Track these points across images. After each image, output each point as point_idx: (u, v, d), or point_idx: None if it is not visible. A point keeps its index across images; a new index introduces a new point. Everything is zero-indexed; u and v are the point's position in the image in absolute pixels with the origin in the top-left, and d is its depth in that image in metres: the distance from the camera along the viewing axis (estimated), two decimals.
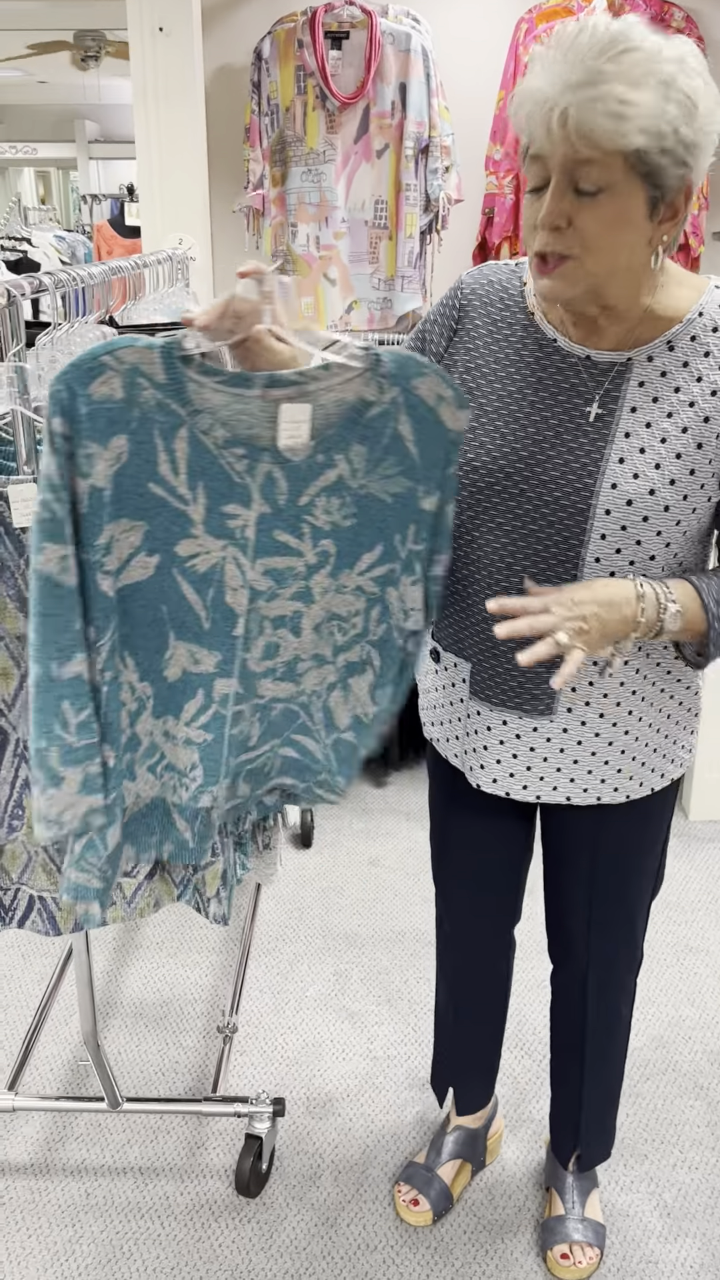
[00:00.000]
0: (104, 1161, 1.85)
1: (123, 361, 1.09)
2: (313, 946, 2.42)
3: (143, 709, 1.29)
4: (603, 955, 1.57)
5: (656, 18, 2.68)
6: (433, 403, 1.16)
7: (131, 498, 1.15)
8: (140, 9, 2.50)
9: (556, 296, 1.17)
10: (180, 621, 1.24)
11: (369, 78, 2.71)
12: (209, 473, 1.16)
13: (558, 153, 1.08)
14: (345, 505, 1.20)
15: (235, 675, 1.28)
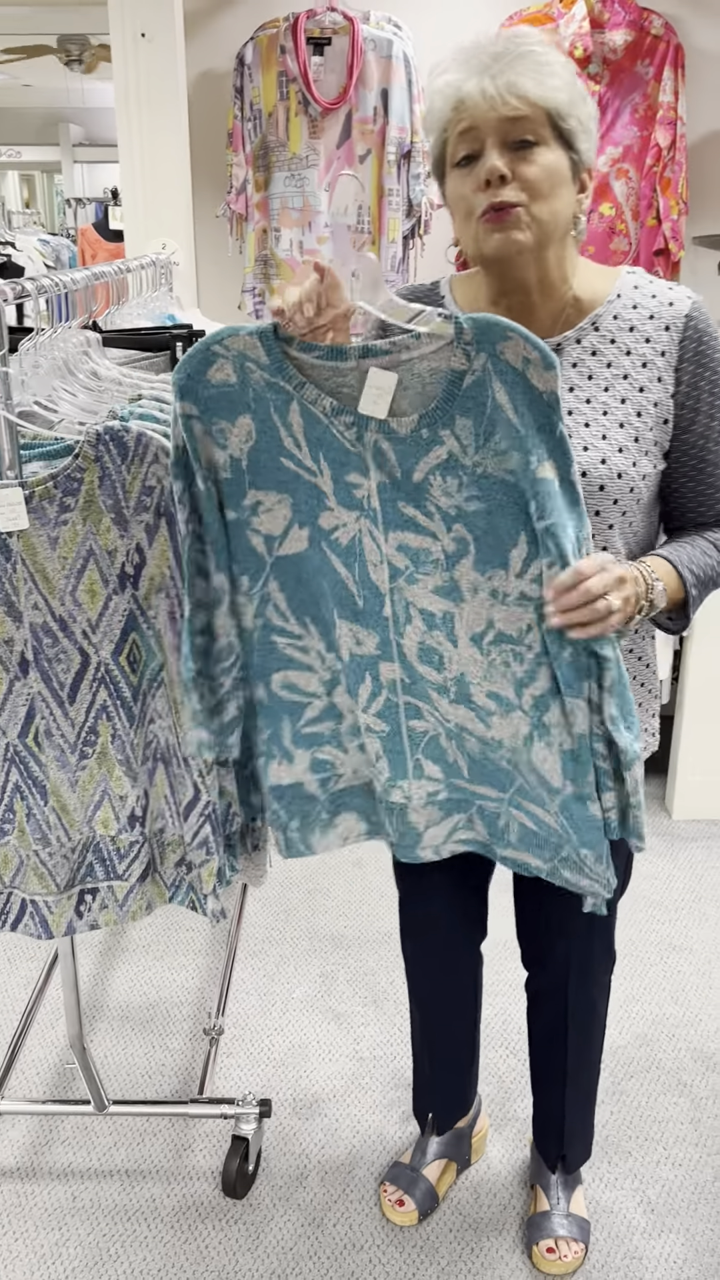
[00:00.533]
0: (90, 1164, 1.86)
1: (229, 348, 1.18)
2: (299, 948, 2.43)
3: (337, 681, 1.33)
4: (579, 958, 1.57)
5: (634, 24, 2.70)
6: (520, 366, 1.12)
7: (271, 471, 1.23)
8: (122, 15, 2.51)
9: (509, 249, 1.23)
10: (339, 598, 1.27)
11: (351, 83, 2.73)
12: (325, 442, 1.20)
13: (491, 115, 1.19)
14: (464, 486, 1.18)
15: (396, 660, 1.28)
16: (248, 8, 2.93)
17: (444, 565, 1.21)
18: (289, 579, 1.28)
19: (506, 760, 1.29)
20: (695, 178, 2.99)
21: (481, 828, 1.37)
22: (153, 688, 1.40)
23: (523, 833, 1.33)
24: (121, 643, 1.37)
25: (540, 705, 1.23)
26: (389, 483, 1.20)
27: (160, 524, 1.32)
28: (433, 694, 1.29)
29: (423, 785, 1.33)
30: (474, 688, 1.26)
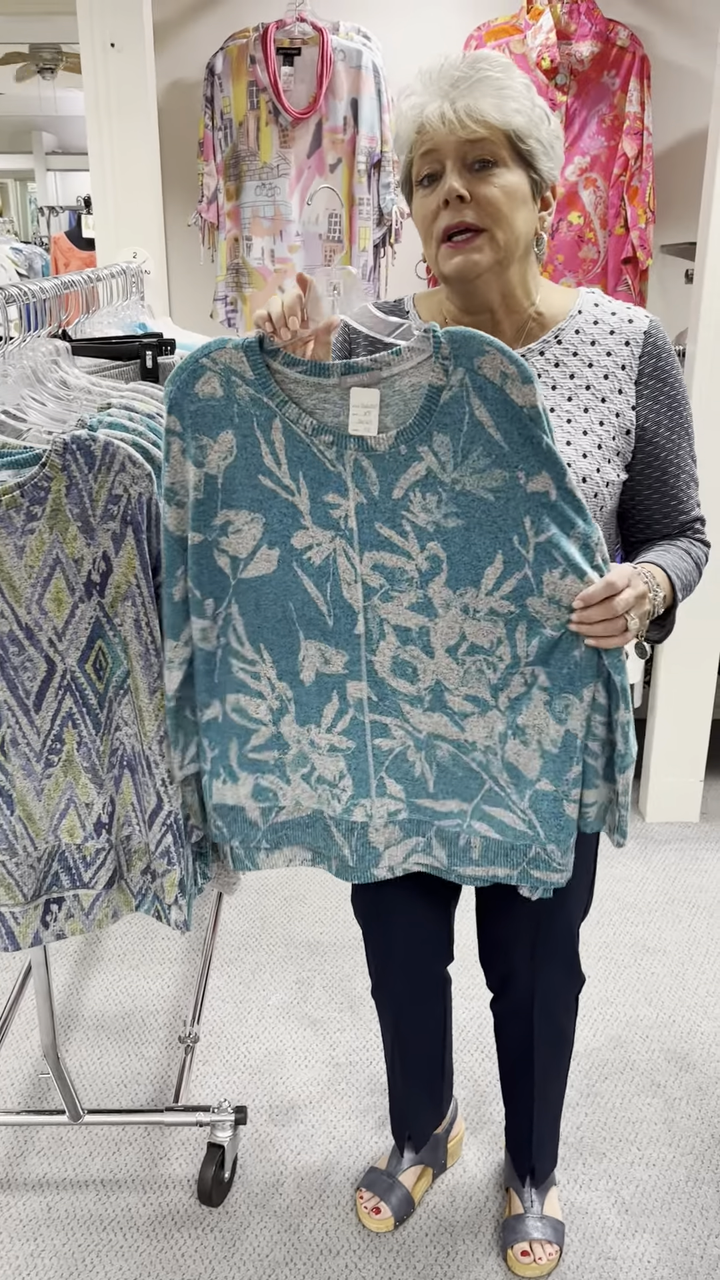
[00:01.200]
0: (65, 1175, 1.85)
1: (217, 362, 1.20)
2: (275, 955, 2.43)
3: (285, 710, 1.33)
4: (543, 987, 1.58)
5: (601, 35, 2.73)
6: (499, 381, 1.12)
7: (246, 489, 1.24)
8: (92, 24, 2.52)
9: (469, 272, 1.26)
10: (307, 618, 1.28)
11: (321, 93, 2.74)
12: (305, 461, 1.21)
13: (451, 138, 1.22)
14: (443, 503, 1.19)
15: (364, 679, 1.29)
16: (217, 18, 2.94)
17: (418, 583, 1.23)
18: (248, 604, 1.30)
19: (477, 763, 1.30)
20: (662, 187, 3.02)
21: (441, 851, 1.37)
22: (119, 695, 1.40)
23: (485, 846, 1.34)
24: (88, 650, 1.37)
25: (515, 707, 1.26)
26: (367, 503, 1.21)
27: (126, 532, 1.32)
28: (405, 706, 1.30)
29: (385, 803, 1.34)
30: (450, 694, 1.28)
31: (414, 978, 1.63)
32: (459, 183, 1.22)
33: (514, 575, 1.20)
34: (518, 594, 1.20)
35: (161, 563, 1.30)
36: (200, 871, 1.59)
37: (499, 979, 1.63)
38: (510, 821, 1.32)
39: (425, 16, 2.93)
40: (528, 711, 1.26)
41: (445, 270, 1.27)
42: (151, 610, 1.36)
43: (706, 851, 2.86)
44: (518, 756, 1.28)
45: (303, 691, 1.32)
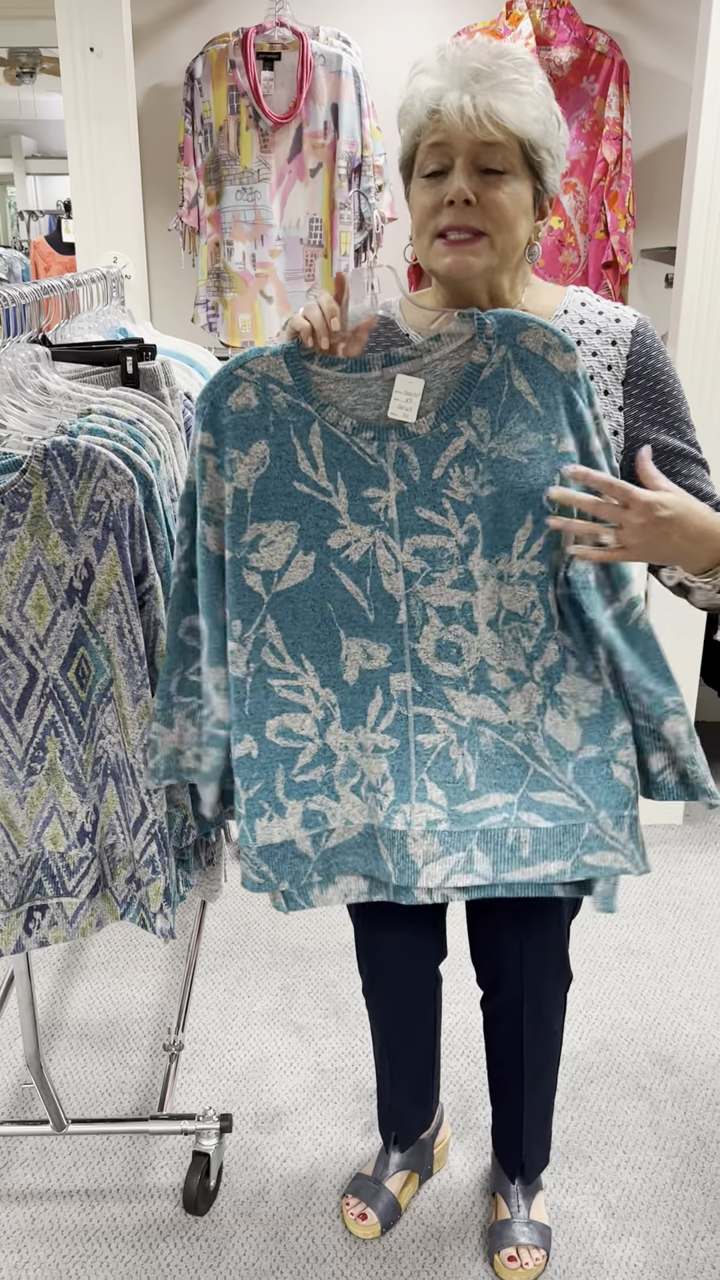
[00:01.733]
0: (49, 1185, 1.84)
1: (253, 372, 1.21)
2: (260, 961, 2.43)
3: (330, 718, 1.31)
4: (533, 984, 1.58)
5: (580, 41, 2.74)
6: (540, 351, 1.19)
7: (279, 499, 1.24)
8: (71, 29, 2.51)
9: (462, 273, 1.24)
10: (347, 617, 1.28)
11: (301, 98, 2.74)
12: (345, 461, 1.22)
13: (467, 136, 1.18)
14: (480, 473, 1.22)
15: (408, 669, 1.29)
16: (197, 23, 2.94)
17: (459, 559, 1.25)
18: (285, 616, 1.28)
19: (520, 746, 1.30)
20: (642, 191, 3.04)
21: (484, 862, 1.31)
22: (102, 703, 1.40)
23: (536, 839, 1.30)
24: (70, 658, 1.37)
25: (551, 676, 1.28)
26: (408, 490, 1.23)
27: (109, 539, 1.32)
28: (449, 692, 1.29)
29: (424, 810, 1.31)
30: (492, 671, 1.28)
31: (406, 976, 1.63)
32: (468, 185, 1.19)
33: (543, 534, 1.23)
34: (544, 553, 1.23)
35: (199, 581, 1.28)
36: (183, 879, 1.59)
37: (489, 977, 1.63)
38: (559, 802, 1.30)
39: (405, 21, 2.94)
40: (564, 680, 1.28)
41: (436, 266, 1.25)
42: (134, 617, 1.35)
43: (690, 853, 2.87)
44: (556, 728, 1.29)
45: (347, 693, 1.30)
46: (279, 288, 2.89)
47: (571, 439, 1.21)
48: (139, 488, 1.33)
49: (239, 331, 2.91)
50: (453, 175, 1.20)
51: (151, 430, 1.45)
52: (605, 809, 1.30)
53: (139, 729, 1.38)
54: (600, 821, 1.30)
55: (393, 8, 2.93)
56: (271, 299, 2.90)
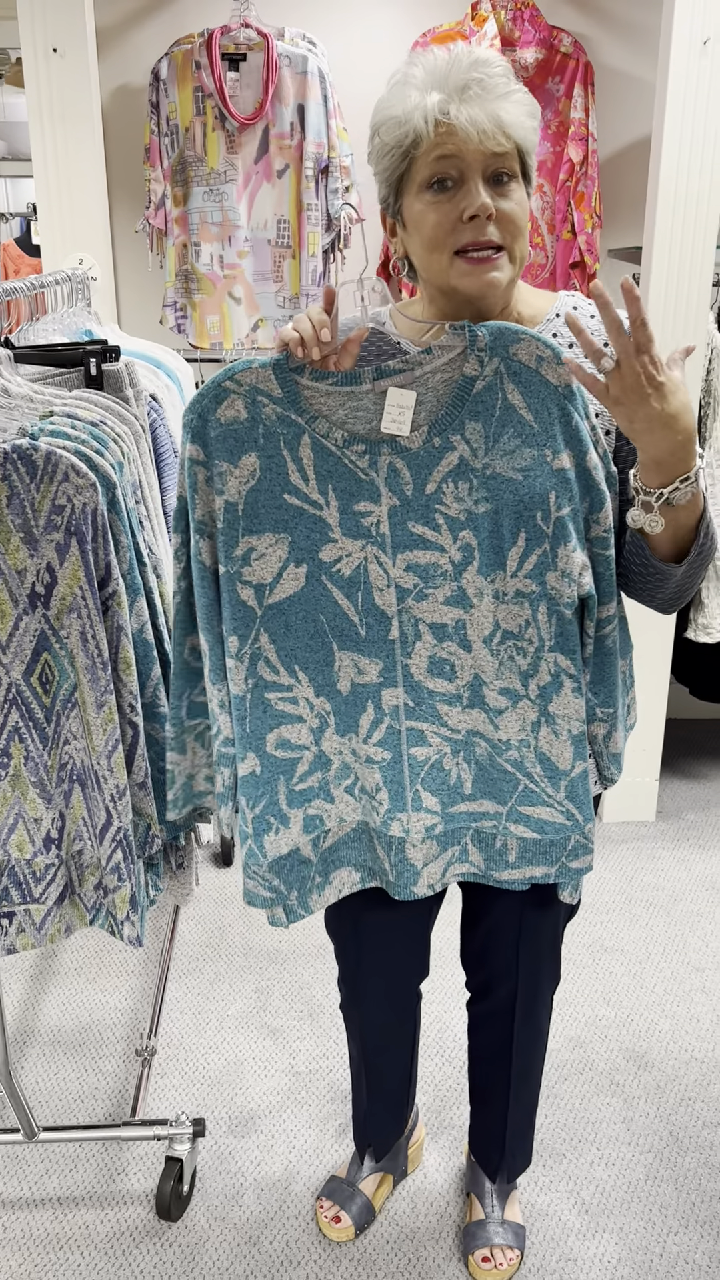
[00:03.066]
0: (21, 1194, 1.82)
1: (241, 384, 1.20)
2: (234, 965, 2.42)
3: (325, 725, 1.32)
4: (528, 986, 1.58)
5: (545, 42, 2.75)
6: (534, 364, 1.17)
7: (270, 511, 1.23)
8: (34, 30, 2.49)
9: (490, 291, 1.22)
10: (339, 630, 1.27)
11: (267, 99, 2.73)
12: (336, 474, 1.21)
13: (480, 149, 1.16)
14: (474, 489, 1.21)
15: (400, 685, 1.28)
16: (161, 24, 2.93)
17: (452, 576, 1.24)
18: (278, 628, 1.27)
19: (511, 763, 1.31)
20: (608, 191, 3.05)
21: (478, 855, 1.37)
22: (66, 709, 1.39)
23: (523, 848, 1.35)
24: (33, 663, 1.36)
25: (545, 695, 1.28)
26: (400, 504, 1.22)
27: (71, 543, 1.31)
28: (442, 708, 1.29)
29: (420, 818, 1.33)
30: (486, 688, 1.28)
31: (389, 996, 1.62)
32: (488, 200, 1.17)
33: (535, 552, 1.22)
34: (538, 570, 1.23)
35: (197, 596, 1.27)
36: (153, 884, 1.58)
37: (482, 980, 1.62)
38: (548, 817, 1.32)
39: (370, 22, 2.94)
40: (558, 699, 1.28)
41: (460, 286, 1.22)
42: (98, 622, 1.34)
43: (663, 850, 2.88)
44: (550, 747, 1.30)
45: (341, 702, 1.31)
46: (247, 289, 2.89)
47: (567, 454, 1.19)
48: (102, 490, 1.32)
49: (207, 333, 2.90)
50: (466, 189, 1.18)
51: (115, 432, 1.44)
52: (589, 821, 1.34)
53: (103, 734, 1.37)
54: (586, 832, 1.34)
55: (358, 9, 2.93)
56: (240, 300, 2.89)
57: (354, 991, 1.64)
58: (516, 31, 2.75)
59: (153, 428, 1.76)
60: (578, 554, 1.22)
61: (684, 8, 2.35)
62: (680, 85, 2.40)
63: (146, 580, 1.44)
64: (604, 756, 1.38)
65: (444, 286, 1.25)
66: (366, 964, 1.59)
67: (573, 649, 1.26)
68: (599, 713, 1.34)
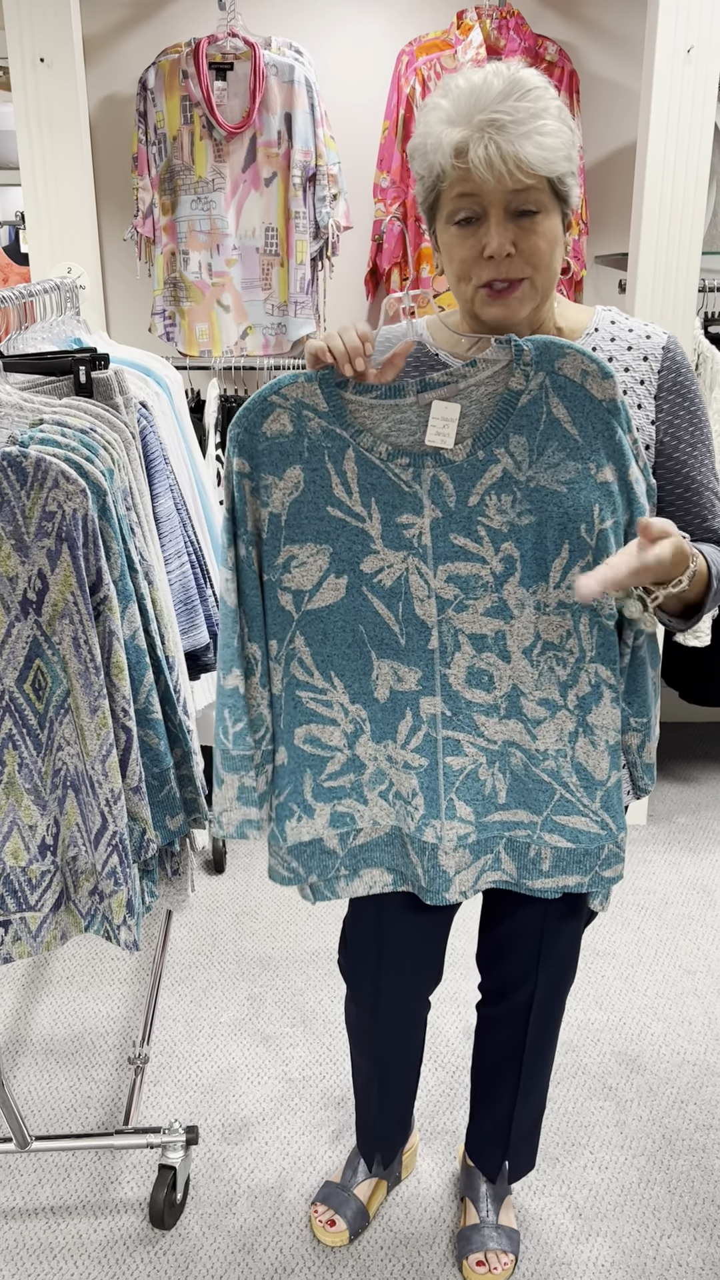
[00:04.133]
0: (13, 1204, 1.82)
1: (287, 398, 1.21)
2: (226, 972, 2.42)
3: (360, 731, 1.33)
4: (548, 984, 1.58)
5: (530, 50, 2.77)
6: (579, 379, 1.17)
7: (312, 522, 1.24)
8: (20, 40, 2.50)
9: (508, 320, 1.24)
10: (379, 639, 1.28)
11: (254, 108, 2.75)
12: (379, 487, 1.22)
13: (499, 188, 1.17)
14: (518, 502, 1.21)
15: (438, 694, 1.29)
16: (148, 33, 2.94)
17: (493, 587, 1.25)
18: (315, 634, 1.29)
19: (548, 772, 1.32)
20: (594, 199, 3.07)
21: (510, 864, 1.38)
22: (59, 715, 1.39)
23: (556, 857, 1.36)
24: (26, 670, 1.36)
25: (584, 705, 1.29)
26: (443, 516, 1.23)
27: (62, 549, 1.31)
28: (479, 718, 1.30)
29: (454, 827, 1.34)
30: (525, 699, 1.29)
31: (408, 1006, 1.62)
32: (506, 238, 1.19)
33: (578, 563, 1.23)
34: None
35: (248, 606, 1.28)
36: (148, 889, 1.58)
37: (498, 983, 1.62)
38: (583, 826, 1.33)
39: (357, 31, 2.96)
40: (597, 710, 1.29)
41: (485, 317, 1.25)
42: (90, 628, 1.34)
43: (654, 854, 2.89)
44: (587, 757, 1.31)
45: (378, 709, 1.32)
46: (236, 296, 2.89)
47: (610, 468, 1.20)
48: (92, 497, 1.32)
49: (196, 340, 2.91)
50: (488, 226, 1.19)
51: (105, 439, 1.45)
52: (622, 830, 1.35)
53: (97, 740, 1.38)
54: (619, 840, 1.35)
55: (345, 19, 2.95)
56: (228, 308, 2.90)
57: (372, 1007, 1.62)
58: (502, 40, 2.77)
59: (143, 434, 1.77)
60: None
61: (667, 17, 2.37)
62: (664, 93, 2.42)
63: (138, 586, 1.44)
64: (638, 767, 1.39)
65: (470, 317, 1.28)
66: (387, 977, 1.58)
67: (613, 659, 1.27)
68: (633, 723, 1.35)
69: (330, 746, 1.35)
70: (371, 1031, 1.65)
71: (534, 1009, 1.59)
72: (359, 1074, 1.74)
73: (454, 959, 2.41)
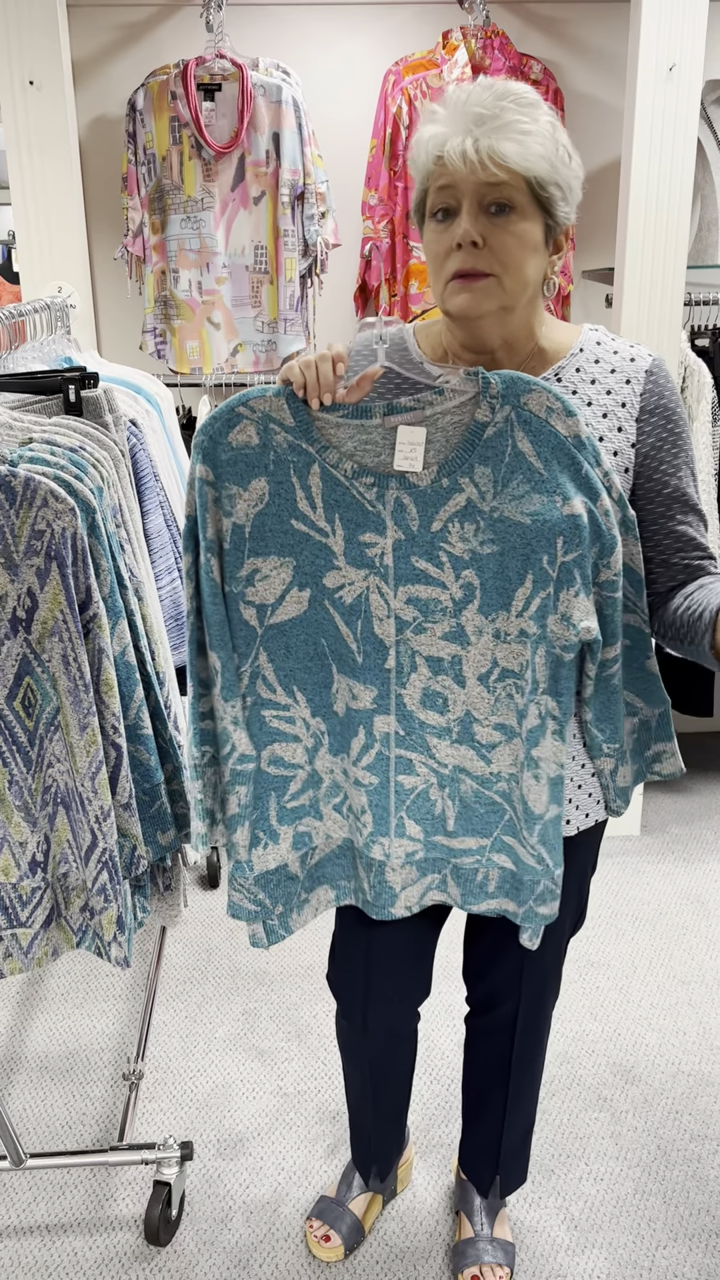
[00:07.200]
0: (8, 1222, 1.81)
1: (255, 410, 1.22)
2: (221, 987, 2.42)
3: (319, 744, 1.34)
4: (532, 997, 1.58)
5: (515, 69, 2.80)
6: (543, 415, 1.19)
7: (276, 535, 1.25)
8: (9, 62, 2.52)
9: (473, 311, 1.24)
10: (338, 655, 1.29)
11: (243, 128, 2.77)
12: (343, 503, 1.23)
13: (471, 179, 1.19)
14: (480, 531, 1.22)
15: (392, 713, 1.30)
16: (137, 56, 2.97)
17: (452, 612, 1.26)
18: (278, 649, 1.30)
19: (500, 794, 1.33)
20: (580, 215, 3.09)
21: (455, 889, 1.40)
22: (49, 732, 1.39)
23: (501, 879, 1.37)
24: (15, 687, 1.36)
25: (531, 739, 1.29)
26: (405, 539, 1.24)
27: (51, 568, 1.32)
28: (431, 740, 1.31)
29: (402, 844, 1.36)
30: (478, 725, 1.30)
31: (397, 1019, 1.62)
32: (474, 227, 1.20)
33: (540, 594, 1.24)
34: (540, 613, 1.24)
35: (208, 614, 1.29)
36: (140, 905, 1.58)
37: (484, 995, 1.63)
38: (523, 856, 1.35)
39: (343, 52, 2.99)
40: (542, 743, 1.29)
41: (450, 307, 1.26)
42: (79, 645, 1.35)
43: (648, 864, 2.90)
44: (529, 790, 1.31)
45: (336, 723, 1.33)
46: (226, 314, 2.92)
47: (580, 500, 1.21)
48: (81, 515, 1.33)
49: (187, 358, 2.93)
50: (460, 218, 1.21)
51: (94, 457, 1.46)
52: (557, 866, 1.34)
53: (87, 756, 1.38)
54: (555, 878, 1.35)
55: (332, 39, 2.98)
56: (219, 325, 2.92)
57: (362, 1020, 1.61)
58: (487, 59, 2.80)
59: (133, 452, 1.78)
60: (581, 598, 1.23)
61: (649, 36, 2.40)
62: (647, 110, 2.44)
63: (128, 603, 1.45)
64: (611, 790, 1.41)
65: (442, 310, 1.28)
66: (376, 990, 1.58)
67: (561, 692, 1.27)
68: (606, 748, 1.36)
69: (292, 764, 1.35)
70: (362, 1046, 1.65)
71: (519, 1023, 1.60)
72: (352, 1089, 1.74)
73: (448, 971, 2.41)
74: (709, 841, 3.02)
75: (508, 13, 2.96)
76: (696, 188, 2.87)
